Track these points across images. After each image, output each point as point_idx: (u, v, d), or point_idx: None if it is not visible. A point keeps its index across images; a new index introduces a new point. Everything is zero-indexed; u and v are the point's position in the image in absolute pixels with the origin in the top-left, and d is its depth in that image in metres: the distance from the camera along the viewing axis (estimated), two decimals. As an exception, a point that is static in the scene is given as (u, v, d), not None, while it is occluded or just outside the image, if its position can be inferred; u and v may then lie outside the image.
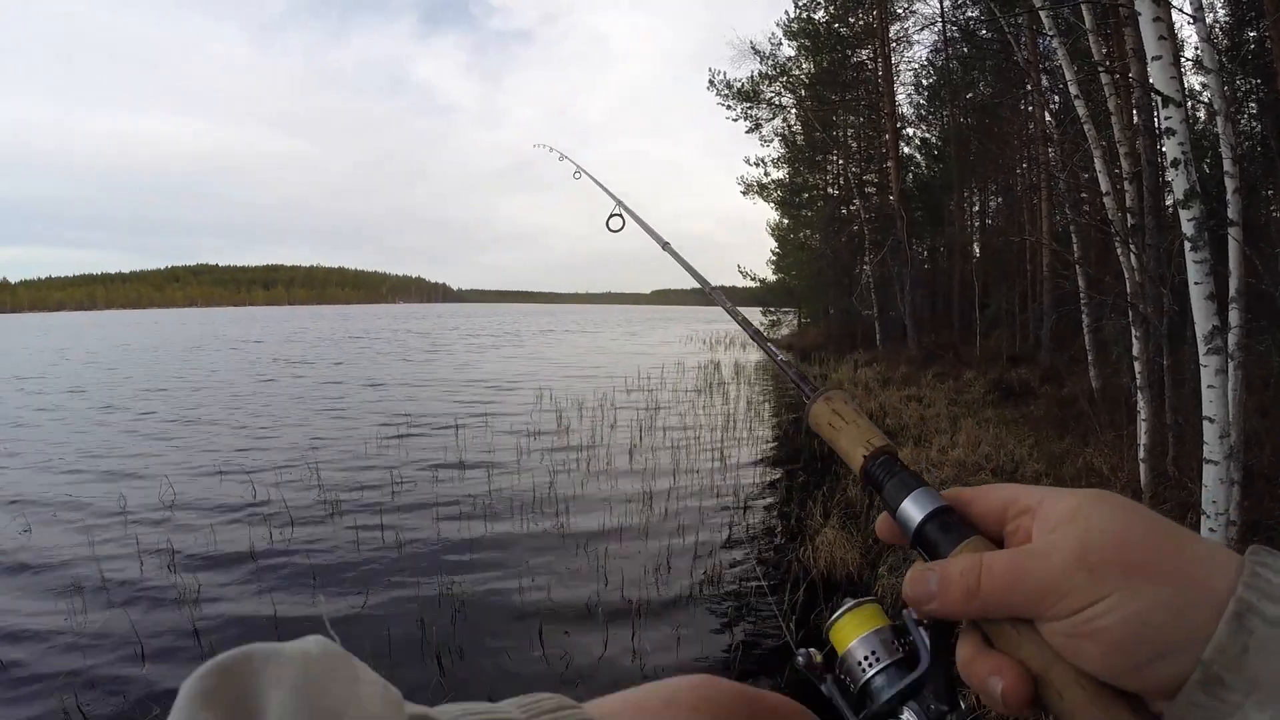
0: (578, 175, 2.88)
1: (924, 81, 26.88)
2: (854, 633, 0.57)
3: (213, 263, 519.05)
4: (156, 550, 6.73)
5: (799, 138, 28.50)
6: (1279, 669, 0.39)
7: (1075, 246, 12.20)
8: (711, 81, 26.24)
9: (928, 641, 0.54)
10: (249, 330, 60.41)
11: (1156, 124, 5.27)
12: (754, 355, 31.17)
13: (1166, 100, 4.56)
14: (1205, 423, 4.42)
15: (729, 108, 26.77)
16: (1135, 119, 8.27)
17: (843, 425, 0.67)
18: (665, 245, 1.78)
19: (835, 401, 0.69)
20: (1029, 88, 17.86)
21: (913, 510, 0.56)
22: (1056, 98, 16.18)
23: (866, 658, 0.56)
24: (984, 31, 19.82)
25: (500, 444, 11.38)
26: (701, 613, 5.64)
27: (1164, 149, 4.90)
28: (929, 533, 0.54)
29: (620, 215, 2.08)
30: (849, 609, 0.58)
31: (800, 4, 24.60)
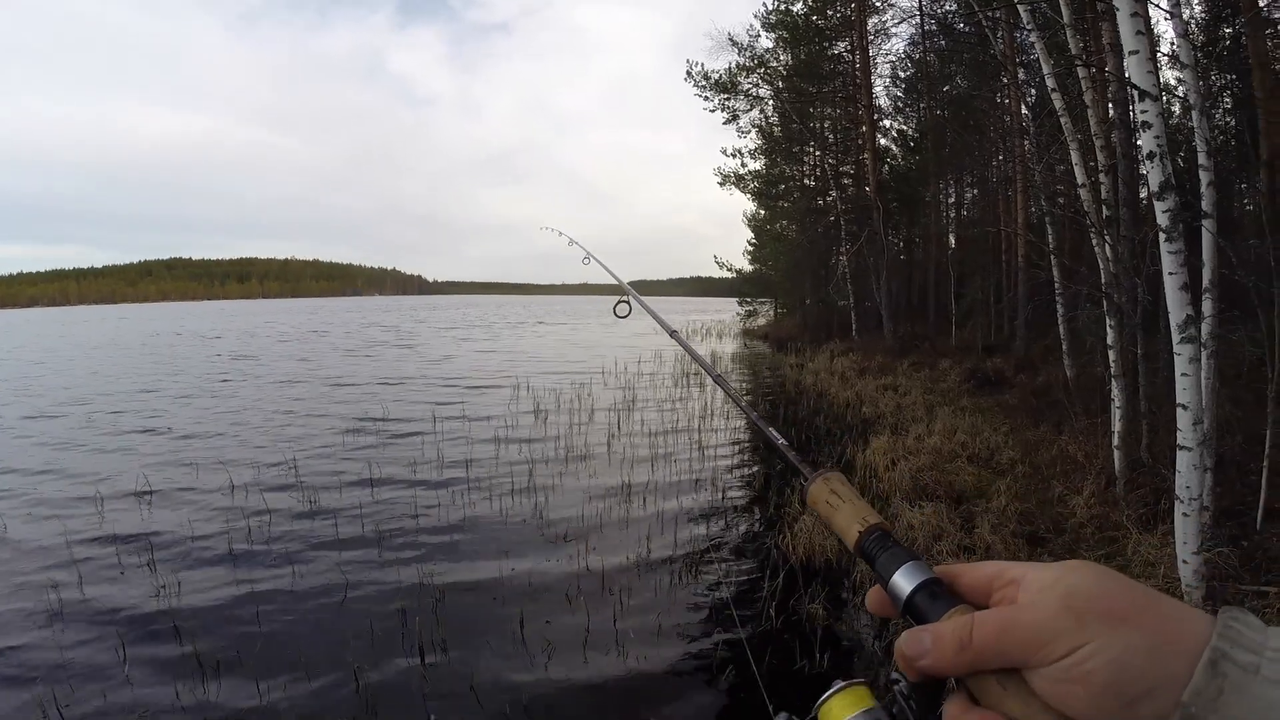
0: (586, 261, 2.91)
1: (901, 74, 27.10)
2: (843, 713, 0.59)
3: (186, 256, 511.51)
4: (134, 546, 6.67)
5: (776, 129, 28.55)
6: (1251, 711, 0.43)
7: (1050, 237, 12.30)
8: (689, 72, 26.23)
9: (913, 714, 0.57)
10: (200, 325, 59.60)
11: (1133, 118, 5.34)
12: (730, 346, 31.28)
13: (1143, 94, 4.62)
14: (1179, 410, 4.49)
15: (706, 99, 26.78)
16: (1111, 113, 8.37)
17: (839, 504, 0.73)
18: (673, 334, 1.82)
19: (833, 481, 0.75)
20: (1005, 81, 17.99)
21: (904, 582, 0.60)
22: (1033, 91, 16.33)
23: None
24: (961, 25, 19.96)
25: (478, 437, 11.35)
26: (682, 600, 5.66)
27: (1140, 142, 4.97)
28: (918, 602, 0.58)
29: (627, 302, 2.12)
30: (838, 690, 0.60)
31: (779, -5, 24.62)
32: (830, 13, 25.20)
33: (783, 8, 24.86)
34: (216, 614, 5.43)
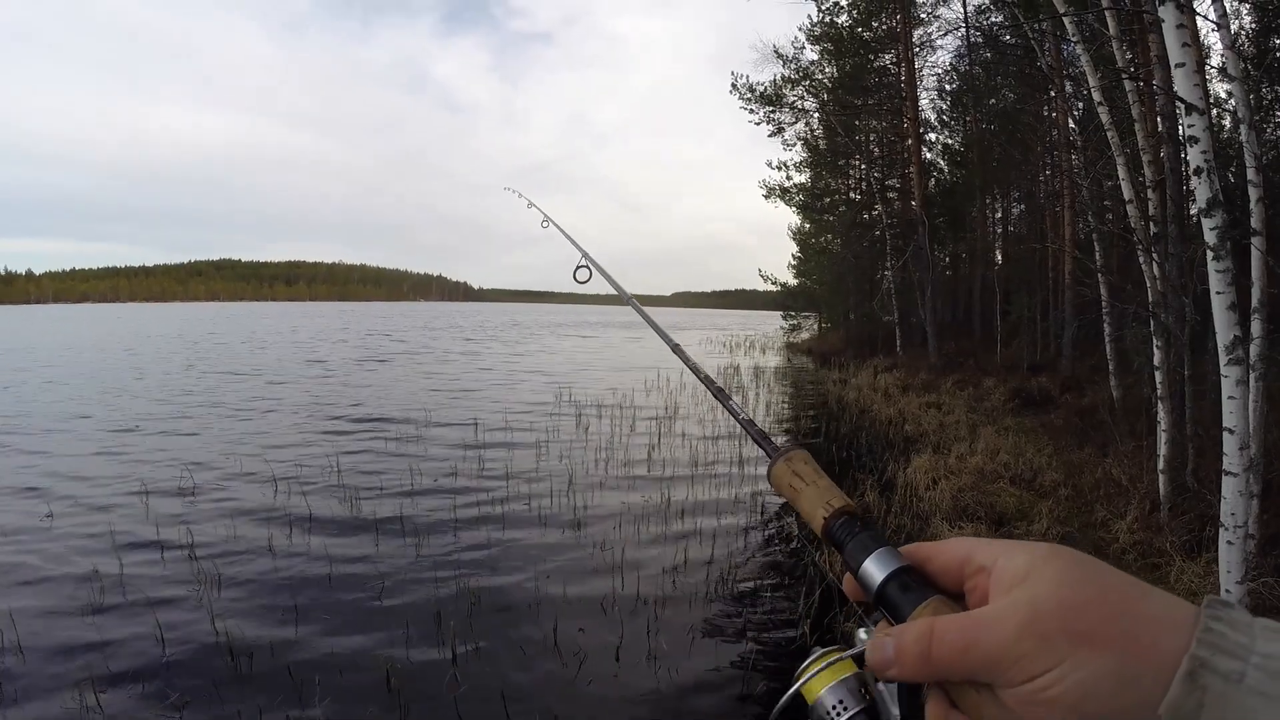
0: (545, 224, 2.82)
1: (947, 87, 26.81)
2: (823, 681, 0.58)
3: (235, 258, 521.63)
4: (177, 543, 6.83)
5: (821, 142, 28.41)
6: None
7: (1097, 254, 12.11)
8: (734, 85, 26.20)
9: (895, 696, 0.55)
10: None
11: (1180, 132, 5.23)
12: (773, 360, 31.11)
13: (1190, 108, 4.53)
14: (1225, 434, 4.39)
15: (751, 111, 26.71)
16: (1159, 126, 8.22)
17: (803, 486, 0.69)
18: (629, 299, 1.77)
19: (796, 462, 0.71)
20: (1052, 94, 17.74)
21: (874, 571, 0.57)
22: (1080, 104, 16.06)
23: (835, 707, 0.57)
24: (1007, 37, 19.71)
25: (519, 444, 11.43)
26: (717, 612, 5.65)
27: (1187, 157, 4.87)
28: (890, 593, 0.56)
29: (587, 267, 2.06)
30: (816, 657, 0.59)
31: (823, 8, 24.53)
32: (875, 25, 25.04)
33: (828, 20, 24.78)
34: (254, 607, 5.57)
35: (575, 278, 2.07)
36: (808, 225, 35.96)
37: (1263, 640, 0.42)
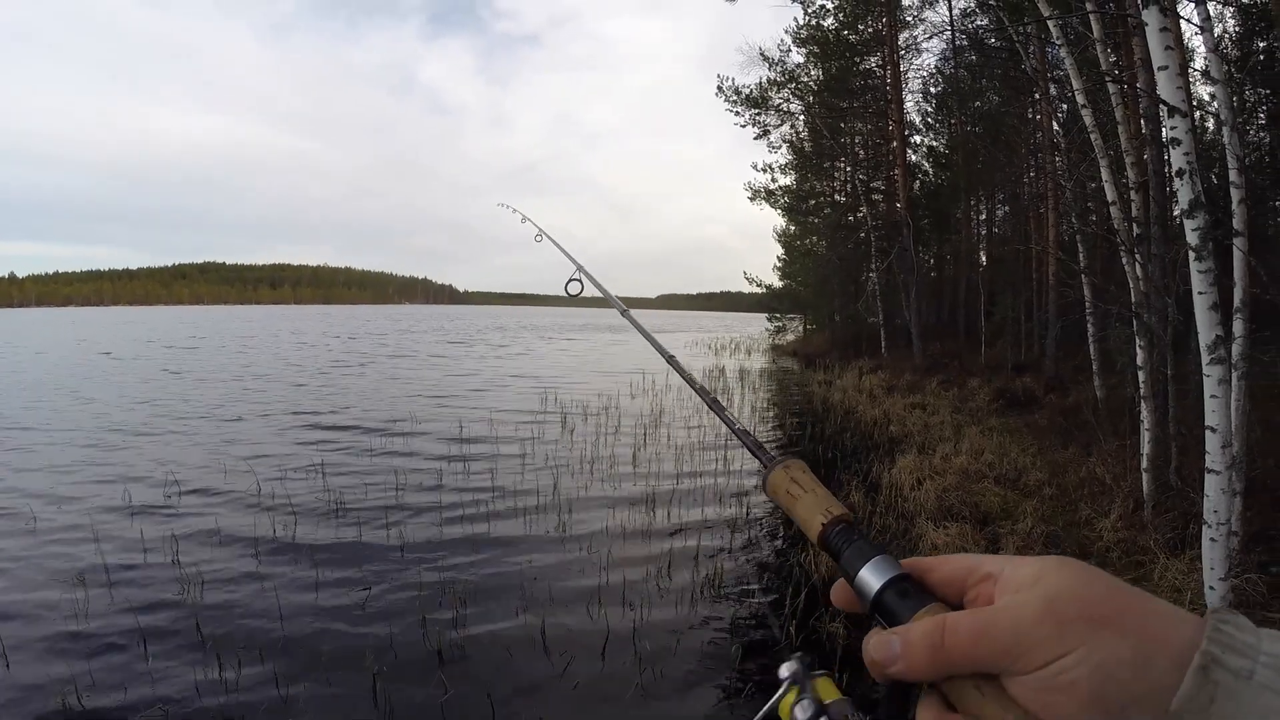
0: (539, 238, 2.82)
1: (932, 89, 26.95)
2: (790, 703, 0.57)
3: (220, 261, 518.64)
4: (160, 545, 6.77)
5: (806, 144, 28.46)
6: (1245, 718, 0.41)
7: (1081, 256, 12.19)
8: (720, 87, 26.23)
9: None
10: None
11: (1163, 134, 5.27)
12: (759, 362, 31.15)
13: (1172, 110, 4.56)
14: (1208, 432, 4.41)
15: (737, 114, 26.75)
16: (1143, 128, 8.27)
17: (800, 493, 0.68)
18: (624, 311, 1.79)
19: (793, 470, 0.71)
20: (1036, 97, 17.85)
21: (871, 578, 0.56)
22: (1064, 106, 16.16)
23: None
24: (992, 40, 19.84)
25: (504, 448, 11.40)
26: (702, 615, 5.64)
27: (1170, 159, 4.90)
28: (887, 600, 0.55)
29: (579, 280, 2.07)
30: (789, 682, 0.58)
31: (810, 10, 24.60)
32: (861, 27, 25.13)
33: (814, 22, 24.85)
34: (239, 613, 5.52)
35: (567, 290, 2.08)
36: (793, 227, 36.03)
37: (1268, 642, 0.43)
